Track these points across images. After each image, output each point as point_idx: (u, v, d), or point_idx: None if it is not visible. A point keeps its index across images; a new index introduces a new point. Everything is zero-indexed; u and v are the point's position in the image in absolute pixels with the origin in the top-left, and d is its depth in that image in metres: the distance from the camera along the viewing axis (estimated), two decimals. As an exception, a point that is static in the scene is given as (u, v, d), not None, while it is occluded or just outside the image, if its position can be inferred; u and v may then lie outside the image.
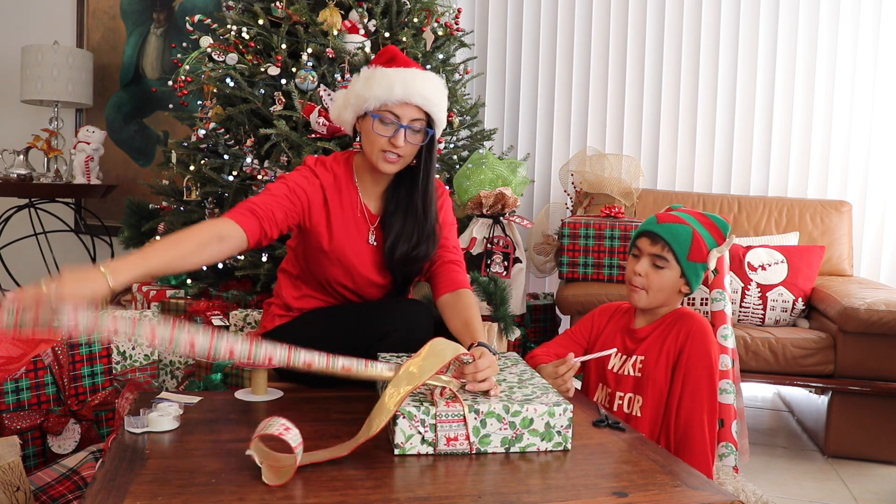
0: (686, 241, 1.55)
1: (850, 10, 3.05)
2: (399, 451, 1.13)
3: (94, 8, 4.10)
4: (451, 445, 1.13)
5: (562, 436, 1.18)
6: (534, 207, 3.48)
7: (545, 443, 1.17)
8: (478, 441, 1.14)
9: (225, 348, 1.11)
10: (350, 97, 1.57)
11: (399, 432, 1.12)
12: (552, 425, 1.17)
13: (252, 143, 2.46)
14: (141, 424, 1.20)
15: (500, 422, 1.15)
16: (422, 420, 1.13)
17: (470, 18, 3.49)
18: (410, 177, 1.63)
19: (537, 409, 1.16)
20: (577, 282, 2.63)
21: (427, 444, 1.13)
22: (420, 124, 1.54)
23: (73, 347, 1.71)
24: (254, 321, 2.21)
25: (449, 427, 1.13)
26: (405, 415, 1.12)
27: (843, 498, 2.02)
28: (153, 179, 2.91)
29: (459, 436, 1.13)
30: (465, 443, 1.14)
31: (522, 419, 1.16)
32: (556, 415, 1.17)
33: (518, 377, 1.34)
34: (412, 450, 1.13)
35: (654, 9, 3.28)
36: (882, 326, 2.21)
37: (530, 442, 1.17)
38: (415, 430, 1.13)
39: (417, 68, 1.56)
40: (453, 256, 1.66)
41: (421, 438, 1.13)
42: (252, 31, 2.48)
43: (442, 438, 1.12)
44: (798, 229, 2.89)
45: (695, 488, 1.04)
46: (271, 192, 1.53)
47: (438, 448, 1.13)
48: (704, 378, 1.50)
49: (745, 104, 3.21)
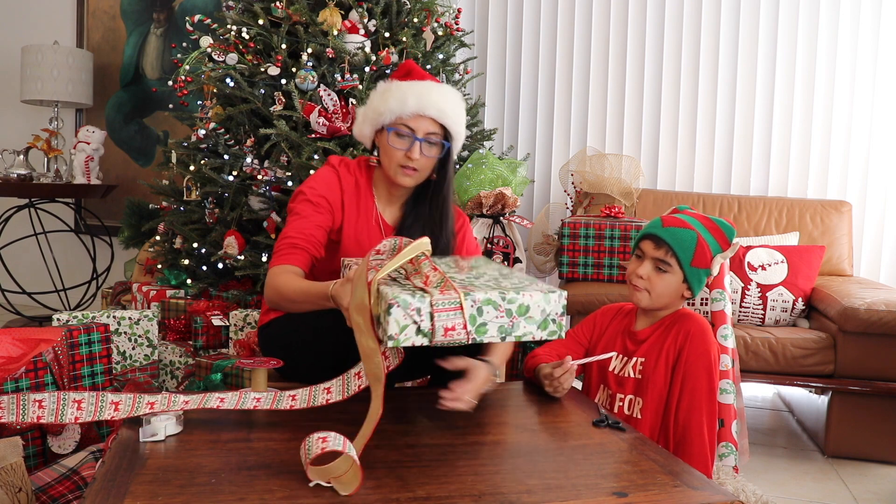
0: (690, 247, 1.54)
1: (849, 10, 3.05)
2: (393, 342, 1.05)
3: (94, 8, 4.10)
4: (447, 336, 1.07)
5: (556, 324, 1.14)
6: (534, 207, 3.48)
7: (540, 331, 1.13)
8: (474, 330, 1.08)
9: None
10: (368, 112, 1.59)
11: (393, 323, 1.04)
12: (548, 312, 1.12)
13: (252, 143, 2.47)
14: (151, 432, 1.19)
15: (496, 309, 1.09)
16: (417, 309, 1.05)
17: (470, 18, 3.49)
18: (428, 190, 1.63)
19: (533, 295, 1.11)
20: (577, 282, 2.63)
21: (423, 334, 1.06)
22: (436, 137, 1.55)
23: (73, 347, 1.71)
24: (253, 321, 2.21)
25: (446, 316, 1.06)
26: (399, 303, 1.04)
27: (843, 498, 2.02)
28: (153, 179, 2.92)
29: (457, 325, 1.07)
30: (462, 332, 1.07)
31: (519, 306, 1.10)
32: (552, 301, 1.12)
33: (498, 271, 1.30)
34: (406, 341, 1.05)
35: (654, 9, 3.28)
36: (882, 326, 2.21)
37: (527, 330, 1.12)
38: (410, 320, 1.05)
39: (433, 81, 1.57)
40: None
41: (416, 329, 1.05)
42: (252, 31, 2.48)
43: (439, 329, 1.06)
44: (798, 229, 2.89)
45: (695, 488, 1.04)
46: (301, 215, 1.55)
47: (435, 339, 1.06)
48: (703, 378, 1.50)
49: (745, 104, 3.21)
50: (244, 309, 2.32)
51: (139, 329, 2.09)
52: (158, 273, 2.78)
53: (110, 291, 3.09)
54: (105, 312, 2.07)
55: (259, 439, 1.20)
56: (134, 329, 2.09)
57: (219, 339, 2.34)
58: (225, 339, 2.34)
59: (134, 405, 1.22)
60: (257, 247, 2.42)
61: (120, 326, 2.07)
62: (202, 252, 2.56)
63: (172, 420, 1.21)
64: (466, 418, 1.32)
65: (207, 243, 2.54)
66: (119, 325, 2.07)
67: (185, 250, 2.63)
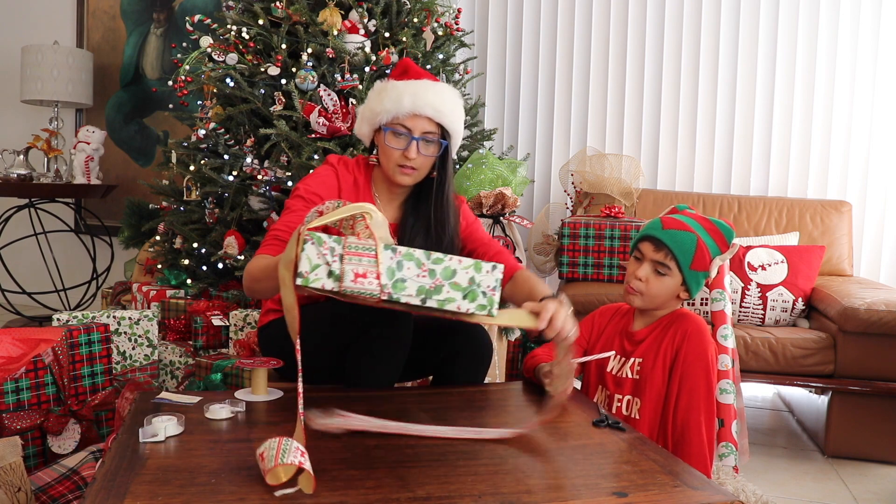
0: (690, 249, 1.54)
1: (849, 10, 3.05)
2: (302, 280, 1.00)
3: (94, 8, 4.10)
4: (357, 283, 1.00)
5: (487, 297, 1.06)
6: (534, 207, 3.48)
7: (467, 302, 1.06)
8: (391, 285, 1.02)
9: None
10: (365, 112, 1.59)
11: (305, 259, 0.99)
12: (477, 282, 1.06)
13: (252, 143, 2.46)
14: (152, 433, 1.19)
15: (418, 267, 1.03)
16: (331, 248, 1.00)
17: (470, 18, 3.49)
18: (428, 189, 1.63)
19: (462, 261, 1.05)
20: (577, 282, 2.63)
21: (333, 277, 1.00)
22: (433, 136, 1.54)
23: (73, 347, 1.71)
24: (253, 321, 2.21)
25: (358, 261, 1.00)
26: (314, 240, 0.99)
27: (843, 498, 2.02)
28: (153, 179, 2.92)
29: (369, 273, 1.00)
30: (374, 282, 1.01)
31: (444, 269, 1.04)
32: (484, 271, 1.06)
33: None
34: (316, 282, 1.00)
35: (654, 9, 3.28)
36: (882, 326, 2.21)
37: (450, 296, 1.05)
38: (322, 260, 0.99)
39: (429, 79, 1.56)
40: (494, 249, 1.67)
41: (328, 271, 1.00)
42: (252, 31, 2.48)
43: (349, 273, 0.99)
44: (798, 229, 2.89)
45: (695, 488, 1.04)
46: (291, 210, 1.54)
47: (344, 284, 0.99)
48: (701, 379, 1.50)
49: (745, 104, 3.21)
50: (244, 309, 2.32)
51: (139, 329, 2.09)
52: (158, 273, 2.78)
53: (110, 291, 3.09)
54: (105, 312, 2.07)
55: (259, 439, 1.20)
56: (134, 329, 2.09)
57: (219, 339, 2.34)
58: (225, 339, 2.34)
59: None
60: (257, 247, 2.42)
61: (120, 326, 2.07)
62: (202, 252, 2.56)
63: (173, 420, 1.21)
64: (467, 418, 1.32)
65: (207, 243, 2.54)
66: (119, 325, 2.07)
67: (185, 250, 2.63)
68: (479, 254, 1.66)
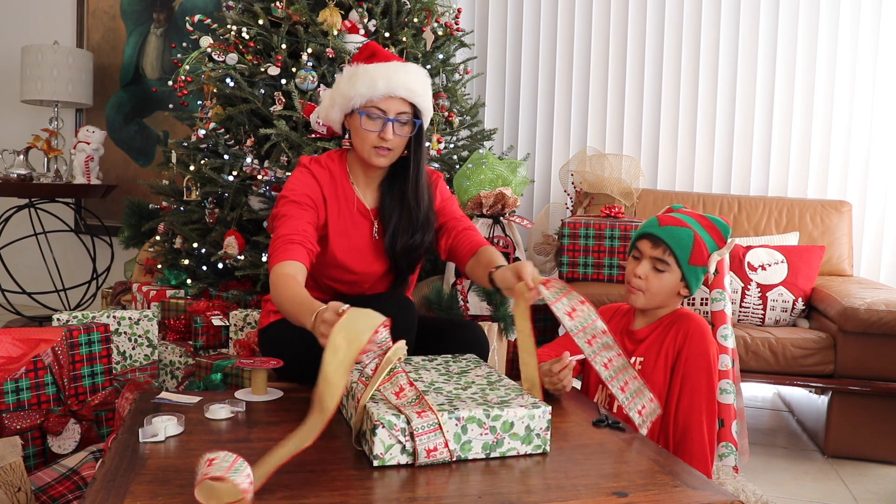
0: (688, 244, 1.55)
1: (849, 10, 3.05)
2: (378, 462, 1.08)
3: (94, 8, 4.10)
4: (430, 457, 1.08)
5: (541, 438, 1.16)
6: (534, 207, 3.48)
7: (525, 446, 1.15)
8: (459, 448, 1.11)
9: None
10: (336, 96, 1.61)
11: (378, 442, 1.08)
12: (532, 428, 1.15)
13: (252, 143, 2.47)
14: (152, 433, 1.19)
15: (480, 427, 1.12)
16: (402, 429, 1.08)
17: (470, 18, 3.49)
18: (403, 169, 1.67)
19: (517, 412, 1.14)
20: (577, 282, 2.63)
21: (407, 454, 1.09)
22: (406, 116, 1.59)
23: (73, 347, 1.71)
24: (253, 321, 2.21)
25: (427, 439, 1.08)
26: (384, 424, 1.07)
27: (843, 498, 2.02)
28: (153, 179, 2.92)
29: (438, 446, 1.09)
30: (444, 451, 1.09)
31: (503, 423, 1.13)
32: (536, 417, 1.15)
33: (486, 378, 1.32)
34: (392, 460, 1.08)
35: (654, 9, 3.28)
36: (882, 326, 2.21)
37: (511, 446, 1.14)
38: (395, 440, 1.08)
39: (398, 61, 1.60)
40: (463, 224, 1.72)
41: (402, 448, 1.09)
42: (252, 31, 2.48)
43: (422, 452, 1.08)
44: (798, 229, 2.89)
45: (695, 488, 1.04)
46: (289, 216, 1.55)
47: (419, 461, 1.08)
48: (703, 378, 1.50)
49: (745, 104, 3.21)
50: (244, 309, 2.32)
51: (139, 329, 2.09)
52: (158, 273, 2.78)
53: (110, 291, 3.08)
54: (105, 312, 2.07)
55: (259, 439, 1.20)
56: (134, 329, 2.09)
57: (219, 339, 2.34)
58: (225, 339, 2.34)
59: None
60: (257, 247, 2.42)
61: (120, 326, 2.07)
62: (202, 252, 2.56)
63: (173, 420, 1.21)
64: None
65: (207, 243, 2.54)
66: (119, 325, 2.07)
67: (185, 250, 2.63)
68: (448, 227, 1.72)
